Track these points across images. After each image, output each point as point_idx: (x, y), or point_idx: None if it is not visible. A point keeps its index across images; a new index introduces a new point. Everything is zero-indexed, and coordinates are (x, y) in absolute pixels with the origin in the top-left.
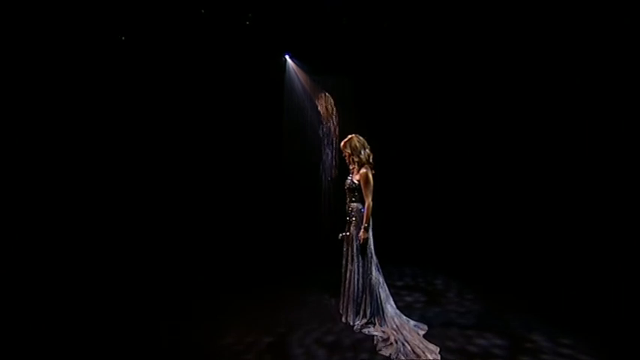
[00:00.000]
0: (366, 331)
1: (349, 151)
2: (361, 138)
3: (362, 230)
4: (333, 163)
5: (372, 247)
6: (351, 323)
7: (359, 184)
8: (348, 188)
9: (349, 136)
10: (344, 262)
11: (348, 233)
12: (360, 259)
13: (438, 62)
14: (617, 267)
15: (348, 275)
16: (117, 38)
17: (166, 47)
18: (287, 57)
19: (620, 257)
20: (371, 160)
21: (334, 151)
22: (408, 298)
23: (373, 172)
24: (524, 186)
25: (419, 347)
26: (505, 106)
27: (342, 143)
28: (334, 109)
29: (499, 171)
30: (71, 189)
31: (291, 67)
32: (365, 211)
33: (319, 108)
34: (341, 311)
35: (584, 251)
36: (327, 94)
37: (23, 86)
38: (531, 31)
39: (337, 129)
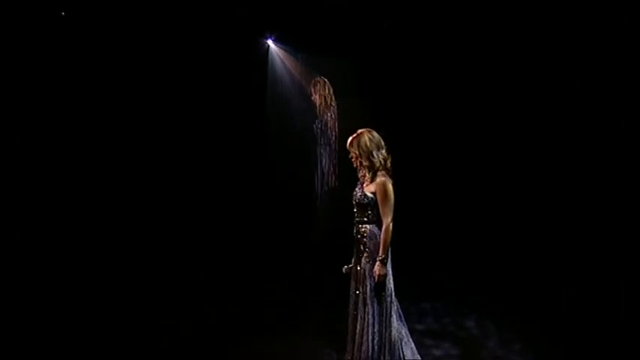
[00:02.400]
0: None
1: (358, 153)
2: (375, 134)
3: (377, 264)
4: (332, 168)
5: (391, 286)
6: None
7: (373, 199)
8: (357, 204)
9: (358, 132)
10: (351, 305)
11: (358, 268)
12: (376, 304)
13: (462, 38)
14: None
15: (358, 327)
16: (56, 14)
17: (117, 30)
18: (270, 41)
19: None
20: (389, 165)
21: (333, 153)
22: (436, 351)
23: (392, 180)
24: (566, 200)
25: None
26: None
27: (349, 141)
28: (333, 97)
29: (533, 178)
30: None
31: (275, 52)
32: (382, 236)
33: (314, 97)
34: None
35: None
36: (324, 79)
37: None
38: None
39: (337, 123)
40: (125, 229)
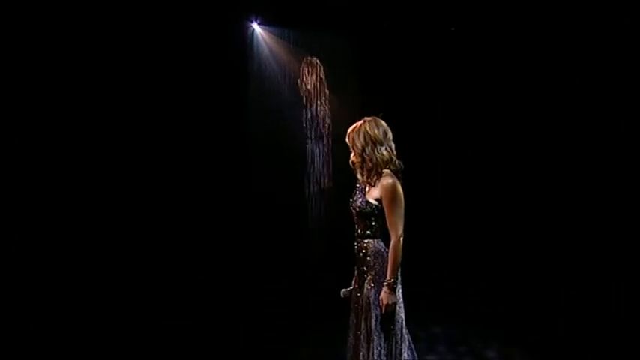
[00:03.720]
0: None
1: (360, 148)
2: (381, 124)
3: (385, 290)
4: (325, 167)
5: (402, 316)
6: None
7: (378, 206)
8: (358, 213)
9: (363, 120)
10: (350, 339)
11: (360, 294)
12: (383, 340)
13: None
14: None
15: None
16: None
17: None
18: (255, 24)
19: None
20: (397, 164)
21: (327, 149)
22: None
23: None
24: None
25: None
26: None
27: (348, 134)
28: (325, 82)
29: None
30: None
31: (260, 37)
32: (390, 254)
33: (303, 81)
34: None
35: None
36: (315, 60)
37: None
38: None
39: (329, 113)
40: (124, 229)
